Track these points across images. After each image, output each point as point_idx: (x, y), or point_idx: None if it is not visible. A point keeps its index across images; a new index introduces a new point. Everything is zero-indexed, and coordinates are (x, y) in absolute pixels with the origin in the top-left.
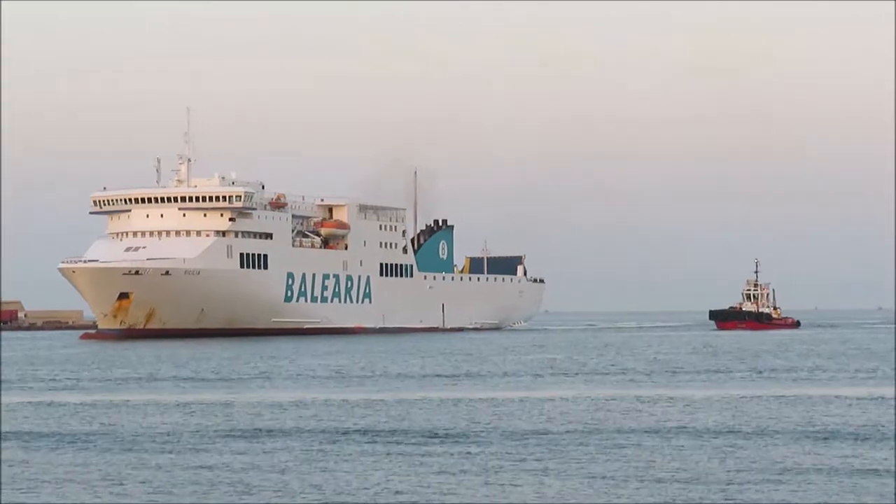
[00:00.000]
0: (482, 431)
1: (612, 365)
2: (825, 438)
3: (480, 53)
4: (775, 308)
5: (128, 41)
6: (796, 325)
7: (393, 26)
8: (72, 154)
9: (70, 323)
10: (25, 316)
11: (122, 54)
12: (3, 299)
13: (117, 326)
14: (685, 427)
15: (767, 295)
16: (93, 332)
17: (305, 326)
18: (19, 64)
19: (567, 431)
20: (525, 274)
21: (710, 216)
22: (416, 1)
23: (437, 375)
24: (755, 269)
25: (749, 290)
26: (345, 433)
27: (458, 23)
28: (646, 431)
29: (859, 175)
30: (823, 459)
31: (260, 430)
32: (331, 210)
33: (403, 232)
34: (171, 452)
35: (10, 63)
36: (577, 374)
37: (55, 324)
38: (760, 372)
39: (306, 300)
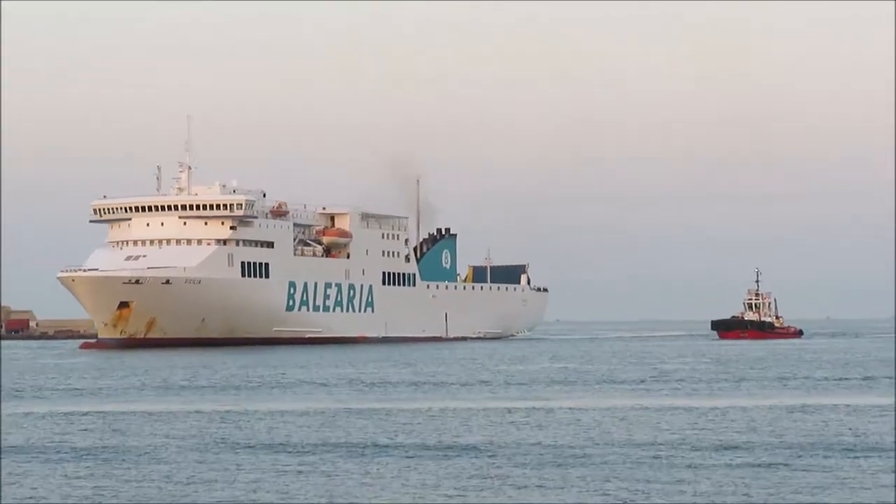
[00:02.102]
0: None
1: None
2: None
3: (483, 59)
4: (777, 317)
5: (127, 46)
6: (799, 334)
7: (395, 31)
8: (75, 160)
9: (81, 332)
10: (37, 325)
11: (123, 60)
12: (14, 308)
13: (117, 336)
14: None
15: (769, 304)
16: (93, 341)
17: (307, 336)
18: (16, 67)
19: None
20: (528, 283)
21: (718, 223)
22: (420, 2)
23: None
24: (756, 279)
25: (750, 299)
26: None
27: (460, 26)
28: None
29: (878, 180)
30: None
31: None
32: (333, 218)
33: (406, 241)
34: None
35: (7, 66)
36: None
37: (67, 333)
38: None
39: (308, 309)
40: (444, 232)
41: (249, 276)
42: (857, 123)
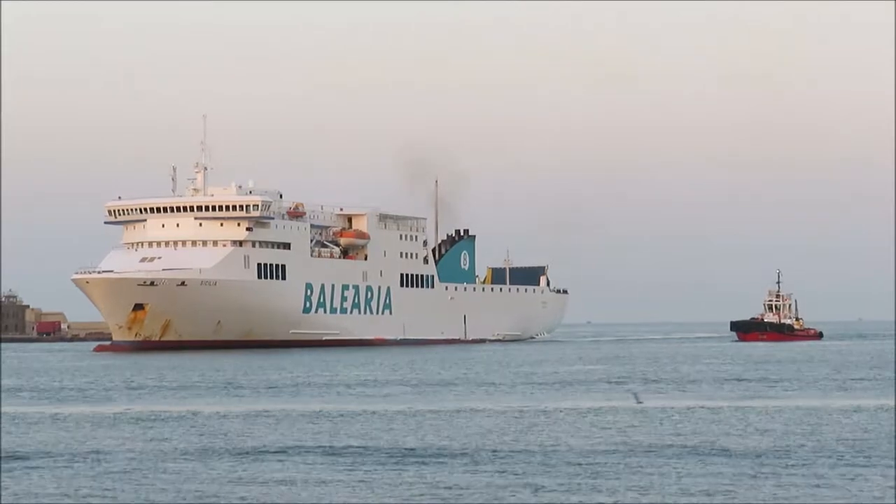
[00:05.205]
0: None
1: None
2: None
3: (504, 60)
4: (797, 319)
5: (143, 48)
6: (819, 336)
7: (415, 31)
8: (92, 162)
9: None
10: (68, 328)
11: (138, 61)
12: (46, 311)
13: (132, 338)
14: None
15: (790, 306)
16: (107, 343)
17: (324, 338)
18: (32, 69)
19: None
20: (548, 285)
21: (741, 225)
22: (441, 2)
23: None
24: (777, 280)
25: (770, 300)
26: None
27: (481, 28)
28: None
29: None
30: None
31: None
32: (350, 219)
33: (424, 242)
34: None
35: (24, 68)
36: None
37: (97, 335)
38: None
39: (325, 311)
40: (462, 233)
41: (266, 277)
42: (888, 126)
